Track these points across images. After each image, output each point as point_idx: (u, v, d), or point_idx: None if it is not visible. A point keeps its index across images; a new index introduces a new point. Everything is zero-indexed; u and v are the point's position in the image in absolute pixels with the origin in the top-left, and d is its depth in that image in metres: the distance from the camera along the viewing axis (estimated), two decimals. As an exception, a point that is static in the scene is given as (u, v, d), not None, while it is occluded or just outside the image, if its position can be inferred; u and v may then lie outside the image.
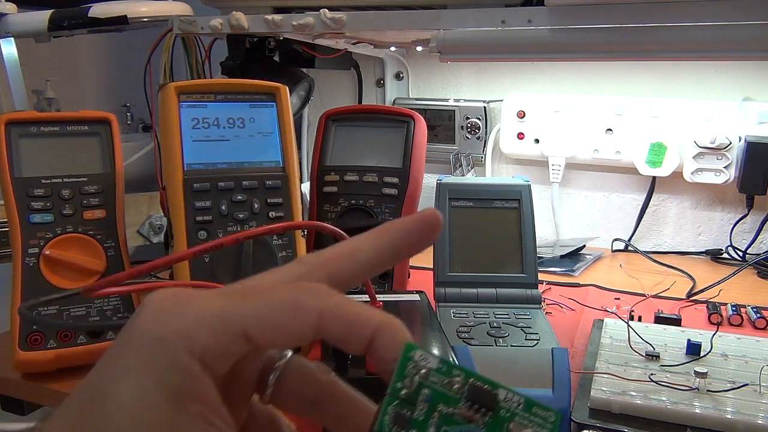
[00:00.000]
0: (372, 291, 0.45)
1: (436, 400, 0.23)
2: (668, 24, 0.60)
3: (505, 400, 0.24)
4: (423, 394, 0.23)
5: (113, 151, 0.63)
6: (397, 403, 0.23)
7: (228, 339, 0.21)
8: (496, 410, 0.23)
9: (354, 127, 0.71)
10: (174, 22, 0.79)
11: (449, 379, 0.23)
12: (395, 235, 0.25)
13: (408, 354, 0.23)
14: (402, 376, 0.23)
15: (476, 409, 0.23)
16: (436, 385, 0.23)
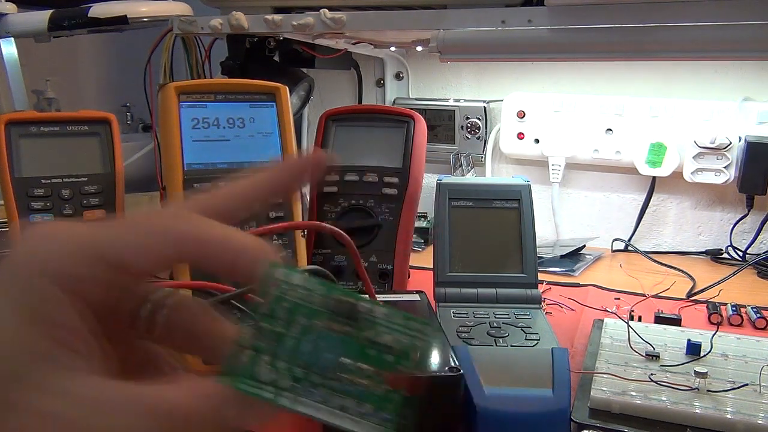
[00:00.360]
0: (372, 291, 0.45)
1: (297, 313, 0.23)
2: (668, 24, 0.60)
3: (369, 311, 0.23)
4: (284, 308, 0.23)
5: (113, 151, 0.63)
6: (258, 317, 0.23)
7: (84, 262, 0.22)
8: (357, 320, 0.23)
9: (354, 127, 0.71)
10: (174, 22, 0.79)
11: (311, 293, 0.23)
12: (272, 171, 0.26)
13: (271, 272, 0.23)
14: (264, 293, 0.23)
15: (337, 320, 0.23)
16: (298, 299, 0.23)
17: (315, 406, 0.22)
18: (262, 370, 0.22)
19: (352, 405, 0.22)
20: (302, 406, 0.22)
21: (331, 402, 0.22)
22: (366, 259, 0.65)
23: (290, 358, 0.22)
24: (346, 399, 0.22)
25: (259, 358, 0.22)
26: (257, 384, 0.22)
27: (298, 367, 0.22)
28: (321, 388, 0.22)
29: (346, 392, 0.22)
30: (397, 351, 0.23)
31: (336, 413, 0.22)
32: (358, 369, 0.23)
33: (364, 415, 0.23)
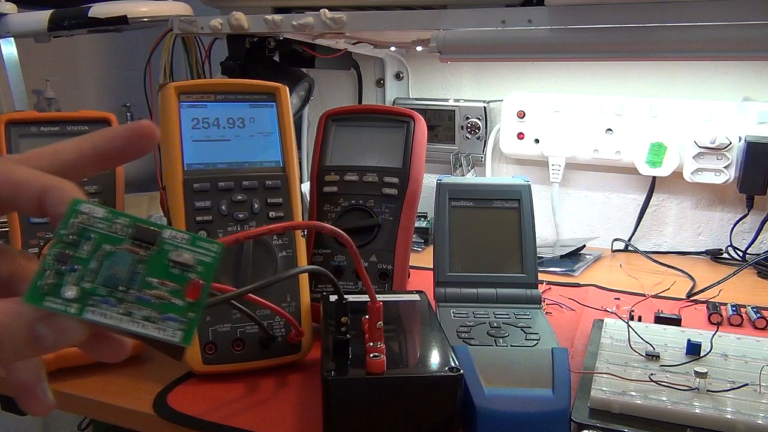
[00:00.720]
0: (372, 291, 0.45)
1: (101, 241, 0.25)
2: (668, 24, 0.60)
3: (170, 237, 0.26)
4: (87, 236, 0.25)
5: (113, 151, 0.63)
6: (60, 245, 0.24)
7: None
8: (159, 244, 0.26)
9: (354, 127, 0.71)
10: (174, 22, 0.79)
11: (114, 223, 0.25)
12: (99, 138, 0.27)
13: (75, 207, 0.25)
14: (67, 224, 0.25)
15: (140, 245, 0.25)
16: (102, 229, 0.25)
17: (119, 317, 0.24)
18: (66, 290, 0.24)
19: (156, 315, 0.25)
20: (107, 318, 0.24)
21: (136, 314, 0.24)
22: (366, 259, 0.65)
23: (94, 279, 0.24)
24: (150, 311, 0.25)
25: (63, 279, 0.24)
26: (63, 302, 0.24)
27: (103, 286, 0.24)
28: (126, 304, 0.24)
29: (149, 305, 0.25)
30: (194, 267, 0.26)
31: (140, 322, 0.24)
32: (161, 285, 0.25)
33: (167, 322, 0.25)
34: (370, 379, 0.44)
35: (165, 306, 0.25)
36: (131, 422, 0.52)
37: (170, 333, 0.25)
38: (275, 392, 0.54)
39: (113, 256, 0.25)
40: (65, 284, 0.24)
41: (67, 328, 0.23)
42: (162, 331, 0.25)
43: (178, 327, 0.25)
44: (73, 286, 0.24)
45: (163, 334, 0.25)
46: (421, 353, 0.49)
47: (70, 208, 0.25)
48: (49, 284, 0.24)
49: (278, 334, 0.56)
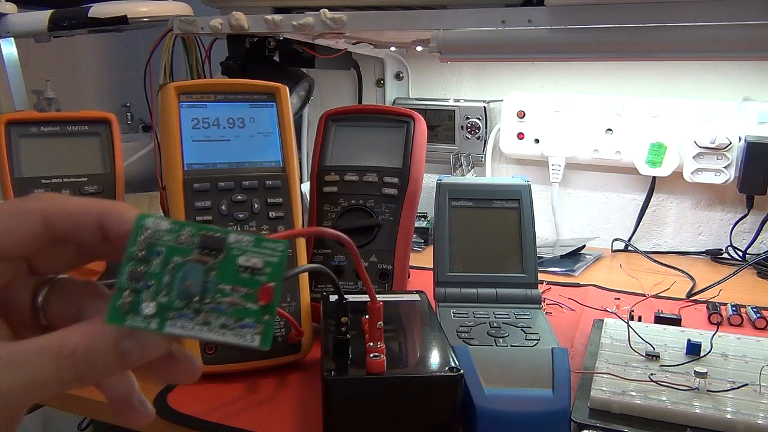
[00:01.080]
0: (372, 291, 0.45)
1: (170, 254, 0.26)
2: (668, 24, 0.59)
3: (236, 242, 0.26)
4: (156, 251, 0.25)
5: (113, 151, 0.63)
6: (133, 263, 0.25)
7: None
8: (226, 250, 0.26)
9: (354, 127, 0.71)
10: (174, 22, 0.79)
11: (179, 234, 0.26)
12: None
13: (140, 223, 0.26)
14: (135, 241, 0.25)
15: (208, 253, 0.26)
16: (169, 241, 0.26)
17: (198, 328, 0.25)
18: (144, 307, 0.25)
19: (232, 322, 0.25)
20: (187, 330, 0.25)
21: (214, 323, 0.25)
22: (366, 259, 0.65)
23: (169, 292, 0.25)
24: (226, 318, 0.25)
25: (140, 297, 0.25)
26: (143, 318, 0.25)
27: (178, 299, 0.25)
28: (203, 314, 0.25)
29: (225, 313, 0.25)
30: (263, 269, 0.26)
31: (219, 330, 0.25)
32: (233, 291, 0.26)
33: (244, 328, 0.25)
34: (370, 379, 0.44)
35: (240, 312, 0.25)
36: (131, 422, 0.52)
37: (249, 338, 0.25)
38: (275, 392, 0.54)
39: (184, 267, 0.26)
40: (142, 301, 0.25)
41: (150, 342, 0.24)
42: (241, 338, 0.25)
43: (256, 332, 0.25)
44: (150, 302, 0.25)
45: (242, 340, 0.25)
46: (421, 353, 0.49)
47: (137, 224, 0.26)
48: (128, 303, 0.25)
49: (278, 334, 0.56)
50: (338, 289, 0.49)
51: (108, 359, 0.24)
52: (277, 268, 0.26)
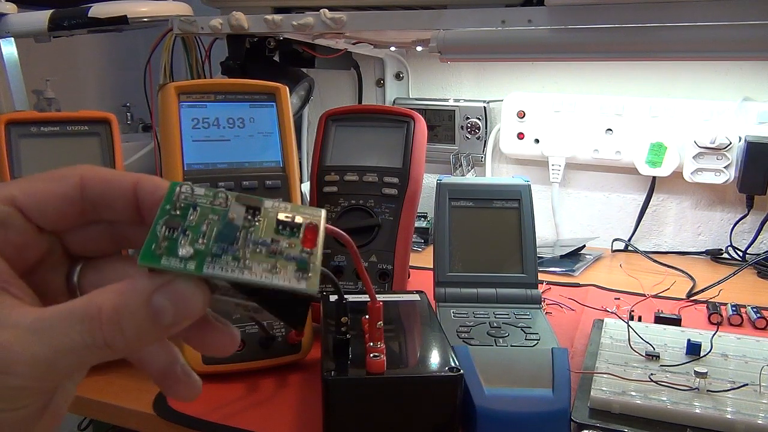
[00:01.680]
0: (372, 291, 0.45)
1: (205, 212, 0.24)
2: (668, 24, 0.59)
3: (272, 206, 0.25)
4: (192, 209, 0.24)
5: (113, 151, 0.63)
6: (168, 216, 0.24)
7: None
8: (264, 211, 0.25)
9: (354, 127, 0.71)
10: (174, 22, 0.79)
11: (215, 197, 0.25)
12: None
13: (174, 187, 0.25)
14: (170, 200, 0.24)
15: (245, 212, 0.25)
16: (205, 203, 0.25)
17: (239, 270, 0.23)
18: (181, 249, 0.23)
19: (276, 265, 0.23)
20: (227, 271, 0.23)
21: (256, 267, 0.23)
22: (366, 259, 0.65)
23: (208, 241, 0.23)
24: (269, 263, 0.23)
25: (176, 243, 0.23)
26: (179, 260, 0.23)
27: (216, 246, 0.23)
28: (243, 259, 0.23)
29: (267, 259, 0.24)
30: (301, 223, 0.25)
31: (262, 273, 0.23)
32: (275, 242, 0.24)
33: (288, 269, 0.23)
34: (370, 379, 0.44)
35: (283, 258, 0.24)
36: (131, 422, 0.52)
37: (295, 282, 0.23)
38: (275, 392, 0.54)
39: (222, 221, 0.24)
40: (179, 246, 0.23)
41: (185, 294, 0.22)
42: (286, 280, 0.23)
43: (302, 275, 0.23)
44: (188, 246, 0.23)
45: (288, 282, 0.23)
46: (421, 353, 0.49)
47: (170, 189, 0.24)
48: (164, 247, 0.23)
49: (278, 334, 0.56)
50: (338, 289, 0.49)
51: (139, 319, 0.22)
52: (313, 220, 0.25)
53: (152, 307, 0.22)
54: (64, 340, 0.21)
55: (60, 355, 0.21)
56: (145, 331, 0.22)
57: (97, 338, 0.21)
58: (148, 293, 0.22)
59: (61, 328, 0.21)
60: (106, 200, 0.25)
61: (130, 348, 0.22)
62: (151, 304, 0.22)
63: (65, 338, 0.21)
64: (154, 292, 0.22)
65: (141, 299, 0.22)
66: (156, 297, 0.22)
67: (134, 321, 0.22)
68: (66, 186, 0.25)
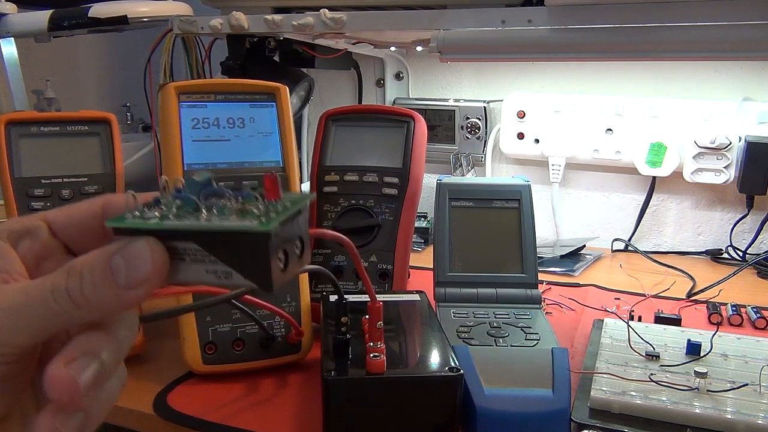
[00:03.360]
0: (372, 291, 0.45)
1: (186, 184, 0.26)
2: (668, 24, 0.59)
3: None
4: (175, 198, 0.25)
5: (113, 151, 0.63)
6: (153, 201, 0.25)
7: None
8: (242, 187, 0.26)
9: (354, 127, 0.71)
10: (174, 22, 0.79)
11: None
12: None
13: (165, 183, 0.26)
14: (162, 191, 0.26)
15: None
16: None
17: (196, 222, 0.24)
18: (149, 214, 0.24)
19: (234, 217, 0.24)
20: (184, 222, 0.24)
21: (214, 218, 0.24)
22: (366, 259, 0.65)
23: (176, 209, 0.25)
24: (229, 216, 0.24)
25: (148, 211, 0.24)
26: (143, 219, 0.24)
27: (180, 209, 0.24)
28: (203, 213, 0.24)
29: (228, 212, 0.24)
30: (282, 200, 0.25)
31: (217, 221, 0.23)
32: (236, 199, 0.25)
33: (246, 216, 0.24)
34: (370, 379, 0.44)
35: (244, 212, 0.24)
36: (131, 422, 0.52)
37: (247, 223, 0.23)
38: (275, 392, 0.54)
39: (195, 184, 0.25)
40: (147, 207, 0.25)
41: (137, 252, 0.23)
42: (238, 222, 0.23)
43: (256, 219, 0.23)
44: (156, 213, 0.24)
45: (240, 224, 0.23)
46: (421, 353, 0.49)
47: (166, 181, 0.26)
48: (135, 214, 0.24)
49: (278, 334, 0.56)
50: (338, 289, 0.49)
51: (97, 274, 0.23)
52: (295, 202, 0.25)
53: (110, 265, 0.23)
54: (37, 291, 0.23)
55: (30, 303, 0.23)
56: (102, 288, 0.23)
57: (62, 286, 0.23)
58: (110, 253, 0.24)
59: (37, 283, 0.24)
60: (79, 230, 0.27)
61: (90, 303, 0.23)
62: (109, 263, 0.23)
63: (38, 289, 0.23)
64: (115, 253, 0.24)
65: (103, 257, 0.23)
66: (115, 257, 0.23)
67: (93, 275, 0.23)
68: (91, 204, 0.27)
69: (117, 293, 0.23)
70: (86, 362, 0.24)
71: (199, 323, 0.54)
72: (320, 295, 0.60)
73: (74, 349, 0.24)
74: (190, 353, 0.54)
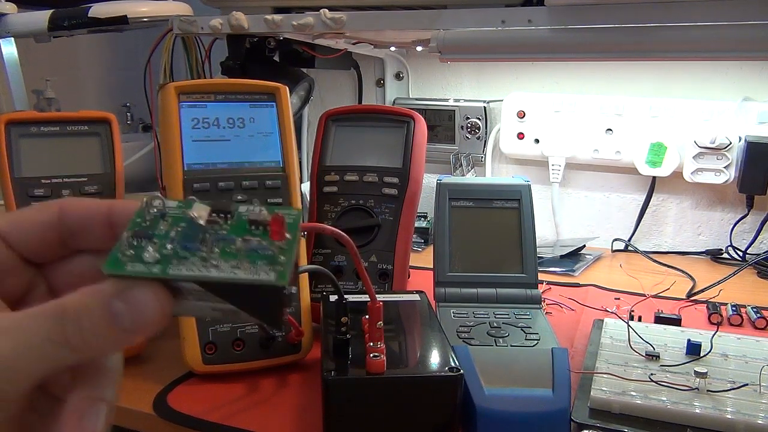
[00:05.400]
0: (372, 291, 0.45)
1: (176, 221, 0.24)
2: (668, 24, 0.59)
3: (246, 210, 0.25)
4: (162, 220, 0.24)
5: (113, 151, 0.63)
6: (138, 228, 0.24)
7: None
8: (236, 215, 0.25)
9: (354, 127, 0.71)
10: (174, 22, 0.79)
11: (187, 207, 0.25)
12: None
13: (147, 201, 0.25)
14: (141, 214, 0.25)
15: (216, 217, 0.25)
16: (177, 213, 0.25)
17: (206, 269, 0.23)
18: (147, 255, 0.23)
19: (244, 263, 0.23)
20: (192, 271, 0.23)
21: (223, 265, 0.23)
22: (366, 259, 0.65)
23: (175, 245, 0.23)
24: (237, 261, 0.23)
25: (143, 250, 0.23)
26: (144, 265, 0.23)
27: (183, 249, 0.23)
28: (210, 261, 0.23)
29: (234, 256, 0.23)
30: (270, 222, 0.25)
31: (228, 270, 0.23)
32: (244, 242, 0.24)
33: (257, 264, 0.23)
34: (370, 379, 0.44)
35: (252, 254, 0.23)
36: (131, 422, 0.52)
37: (262, 274, 0.22)
38: (275, 392, 0.54)
39: (192, 227, 0.24)
40: (145, 252, 0.23)
41: (141, 300, 0.23)
42: (254, 273, 0.22)
43: (270, 268, 0.23)
44: (154, 252, 0.23)
45: (255, 275, 0.22)
46: (421, 353, 0.49)
47: (143, 203, 0.25)
48: (130, 254, 0.23)
49: (278, 334, 0.56)
50: (338, 289, 0.49)
51: (97, 320, 0.22)
52: (291, 227, 0.24)
53: (110, 310, 0.22)
54: (29, 336, 0.22)
55: (24, 352, 0.22)
56: (104, 333, 0.22)
57: (59, 335, 0.22)
58: (108, 296, 0.22)
59: (27, 326, 0.22)
60: (84, 224, 0.26)
61: (91, 348, 0.23)
62: (109, 307, 0.22)
63: (32, 334, 0.22)
64: (114, 296, 0.22)
65: (101, 301, 0.22)
66: (114, 301, 0.22)
67: (92, 321, 0.22)
68: (46, 213, 0.26)
69: (119, 338, 0.23)
70: (96, 411, 0.23)
71: (199, 323, 0.54)
72: (320, 295, 0.60)
73: (81, 403, 0.23)
74: (190, 353, 0.54)
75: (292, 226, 0.25)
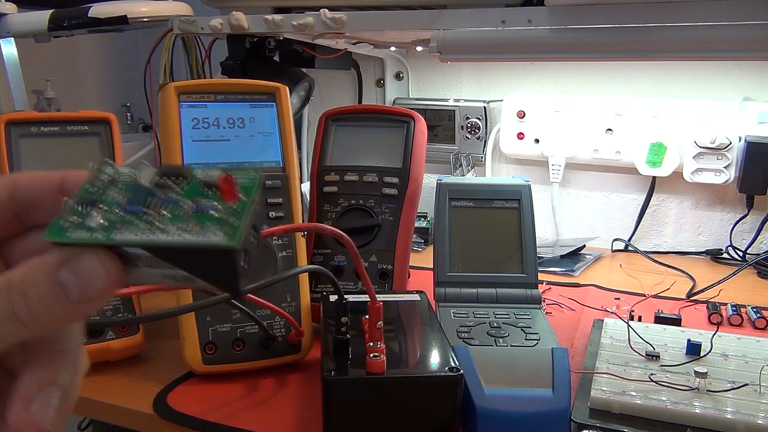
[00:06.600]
0: (372, 291, 0.45)
1: (127, 187, 0.23)
2: (668, 24, 0.59)
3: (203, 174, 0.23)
4: (113, 186, 0.23)
5: (113, 151, 0.63)
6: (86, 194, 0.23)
7: None
8: (191, 178, 0.23)
9: (354, 127, 0.71)
10: (174, 22, 0.79)
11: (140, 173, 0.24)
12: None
13: (100, 167, 0.24)
14: (92, 179, 0.23)
15: (168, 179, 0.23)
16: (128, 178, 0.23)
17: (151, 233, 0.22)
18: (91, 221, 0.22)
19: (192, 225, 0.22)
20: (137, 235, 0.21)
21: (170, 228, 0.22)
22: (366, 259, 0.65)
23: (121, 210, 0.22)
24: (185, 223, 0.22)
25: (88, 217, 0.22)
26: (87, 231, 0.22)
27: (129, 214, 0.22)
28: (157, 223, 0.22)
29: (183, 219, 0.22)
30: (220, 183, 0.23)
31: (175, 233, 0.21)
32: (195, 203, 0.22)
33: (205, 225, 0.22)
34: (370, 379, 0.44)
35: (201, 216, 0.22)
36: (131, 422, 0.52)
37: (210, 235, 0.21)
38: (275, 392, 0.54)
39: (138, 190, 0.23)
40: (89, 218, 0.22)
41: (89, 269, 0.21)
42: (201, 235, 0.21)
43: (219, 229, 0.21)
44: (99, 218, 0.22)
45: (203, 237, 0.21)
46: (421, 353, 0.49)
47: (92, 169, 0.24)
48: (73, 221, 0.22)
49: (278, 334, 0.56)
50: (338, 289, 0.49)
51: (44, 292, 0.21)
52: (248, 190, 0.23)
53: (57, 281, 0.21)
54: None
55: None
56: (53, 306, 0.21)
57: (6, 309, 0.21)
58: (53, 266, 0.21)
59: None
60: (36, 198, 0.25)
61: (41, 321, 0.22)
62: (57, 279, 0.21)
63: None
64: (60, 266, 0.21)
65: (46, 271, 0.21)
66: (61, 270, 0.21)
67: (39, 292, 0.21)
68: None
69: (69, 309, 0.22)
70: (46, 395, 0.22)
71: (199, 323, 0.54)
72: (320, 295, 0.60)
73: (31, 385, 0.22)
74: (190, 353, 0.54)
75: (249, 187, 0.23)
